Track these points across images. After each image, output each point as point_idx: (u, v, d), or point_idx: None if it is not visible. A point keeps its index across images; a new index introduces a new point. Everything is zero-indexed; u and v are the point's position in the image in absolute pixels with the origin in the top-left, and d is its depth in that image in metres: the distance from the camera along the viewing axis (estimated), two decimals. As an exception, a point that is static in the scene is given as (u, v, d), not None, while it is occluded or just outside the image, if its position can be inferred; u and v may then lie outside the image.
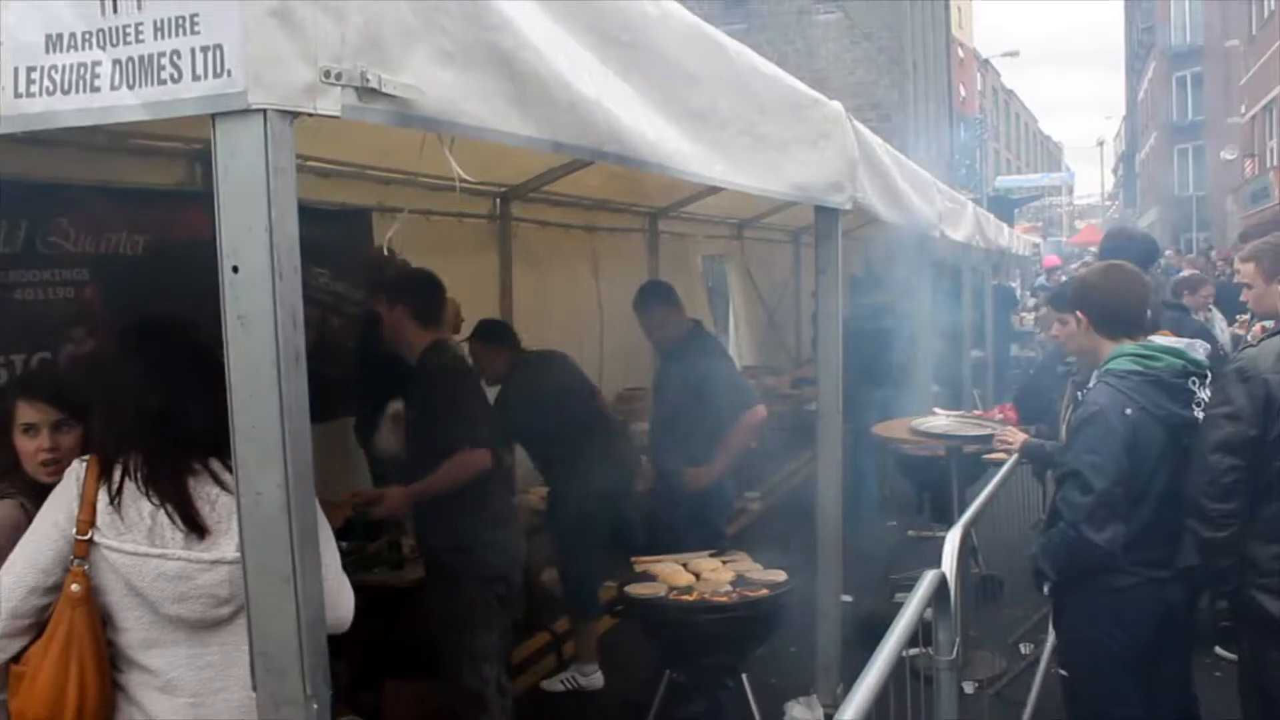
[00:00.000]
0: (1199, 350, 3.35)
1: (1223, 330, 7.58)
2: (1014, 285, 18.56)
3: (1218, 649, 5.21)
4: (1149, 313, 3.84)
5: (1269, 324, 4.21)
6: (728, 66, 2.72)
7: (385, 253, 4.56)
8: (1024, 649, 5.85)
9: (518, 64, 1.82)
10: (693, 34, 2.54)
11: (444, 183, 5.52)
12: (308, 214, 4.82)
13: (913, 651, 2.50)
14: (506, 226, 6.60)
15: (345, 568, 2.44)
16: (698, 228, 9.42)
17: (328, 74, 1.49)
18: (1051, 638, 4.36)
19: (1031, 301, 17.06)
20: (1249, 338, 4.98)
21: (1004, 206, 37.54)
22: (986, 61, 55.57)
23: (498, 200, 6.53)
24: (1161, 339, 3.41)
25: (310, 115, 1.49)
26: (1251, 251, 4.29)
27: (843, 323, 3.96)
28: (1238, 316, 8.28)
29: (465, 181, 1.96)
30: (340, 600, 2.31)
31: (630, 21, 2.24)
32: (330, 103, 1.50)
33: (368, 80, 1.52)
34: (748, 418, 5.13)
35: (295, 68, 1.45)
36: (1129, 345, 3.36)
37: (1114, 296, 3.47)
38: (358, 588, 2.42)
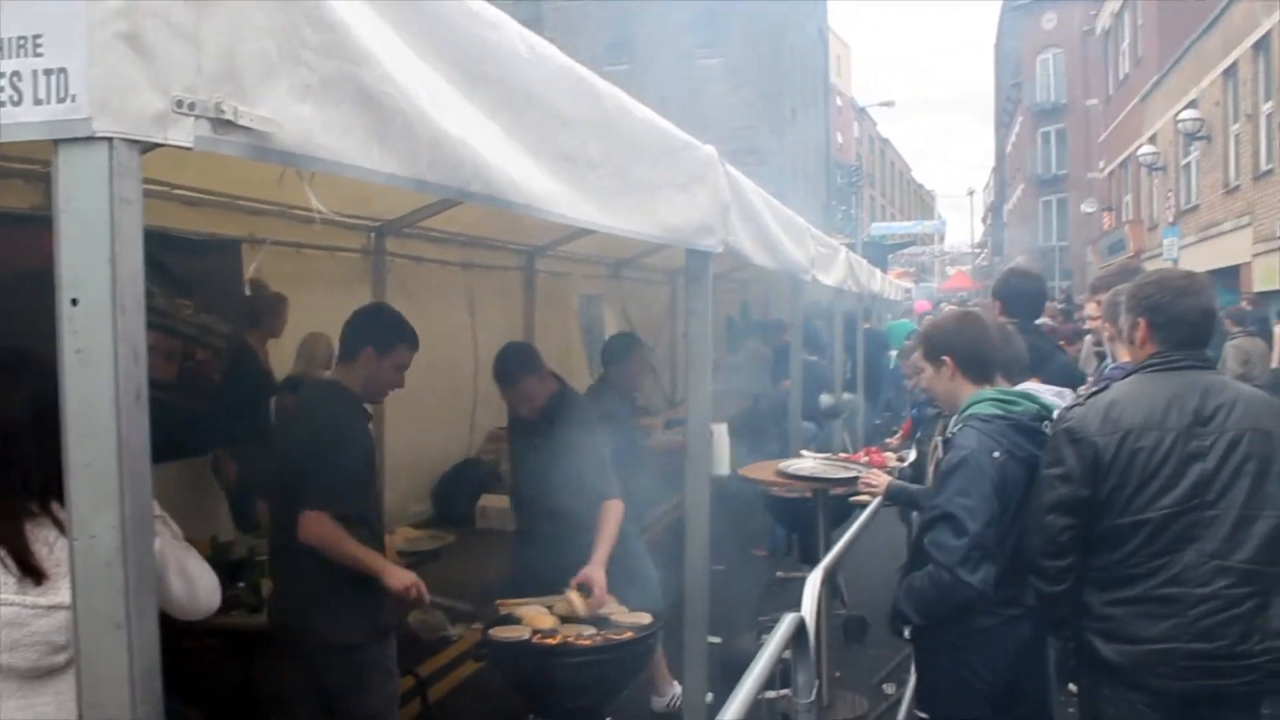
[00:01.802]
0: (1065, 396, 3.48)
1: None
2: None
3: (1070, 685, 5.36)
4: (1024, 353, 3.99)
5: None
6: (600, 109, 2.73)
7: (249, 285, 4.34)
8: (888, 689, 5.94)
9: (380, 99, 1.79)
10: (565, 75, 2.54)
11: (327, 210, 5.43)
12: (173, 244, 4.69)
13: (773, 694, 2.51)
14: (381, 261, 6.50)
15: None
16: (575, 267, 9.43)
17: (180, 104, 1.44)
18: (914, 678, 4.43)
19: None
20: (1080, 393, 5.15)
21: (879, 252, 38.38)
22: (863, 110, 57.01)
23: (372, 235, 6.44)
24: (1031, 385, 3.52)
25: (160, 145, 1.45)
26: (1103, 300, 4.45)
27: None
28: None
29: (325, 216, 1.92)
30: (198, 594, 2.24)
31: (501, 60, 2.23)
32: (182, 133, 1.46)
33: (222, 111, 1.48)
34: (611, 508, 4.59)
35: (145, 96, 1.41)
36: (989, 390, 3.46)
37: (980, 342, 3.58)
38: (213, 632, 2.35)
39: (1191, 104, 22.83)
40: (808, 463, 5.76)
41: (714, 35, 33.02)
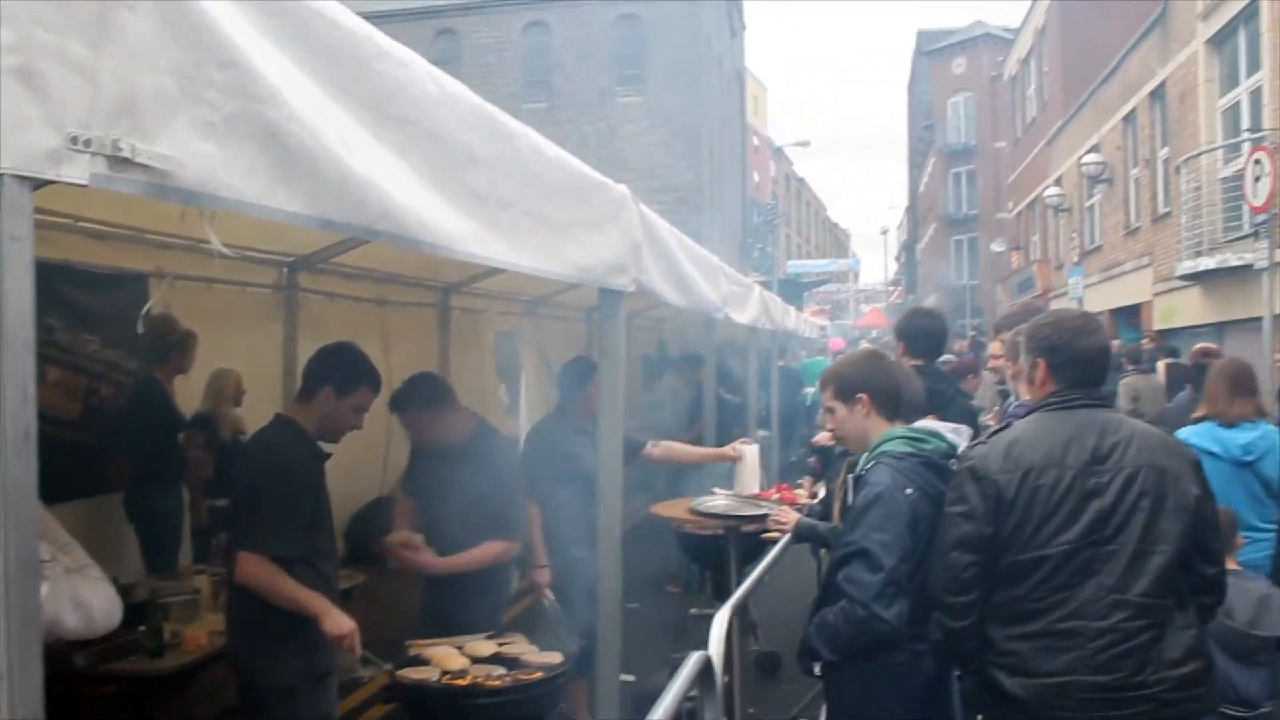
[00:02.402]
0: (962, 435, 3.55)
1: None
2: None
3: (978, 718, 5.42)
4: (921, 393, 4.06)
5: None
6: (511, 148, 2.74)
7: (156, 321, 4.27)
8: (801, 725, 5.96)
9: (286, 138, 1.78)
10: (476, 115, 2.55)
11: (228, 249, 5.36)
12: (78, 278, 4.60)
13: (684, 733, 2.51)
14: (293, 297, 6.42)
15: (95, 657, 2.32)
16: (491, 304, 9.39)
17: (75, 140, 1.42)
18: (824, 714, 4.45)
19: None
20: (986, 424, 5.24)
21: (794, 290, 38.94)
22: (779, 150, 57.83)
23: (285, 270, 6.36)
24: (931, 423, 3.58)
25: (52, 183, 1.42)
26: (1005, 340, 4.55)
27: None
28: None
29: (226, 255, 1.90)
30: (94, 618, 2.21)
31: (410, 99, 2.23)
32: (77, 170, 1.44)
33: (119, 149, 1.46)
34: (490, 547, 4.68)
35: (38, 131, 1.38)
36: (899, 428, 3.52)
37: (892, 379, 3.64)
38: (109, 678, 2.30)
39: (1094, 148, 23.52)
40: (720, 500, 5.79)
41: (632, 74, 33.35)
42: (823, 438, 5.92)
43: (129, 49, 1.49)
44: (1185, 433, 5.24)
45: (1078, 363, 3.21)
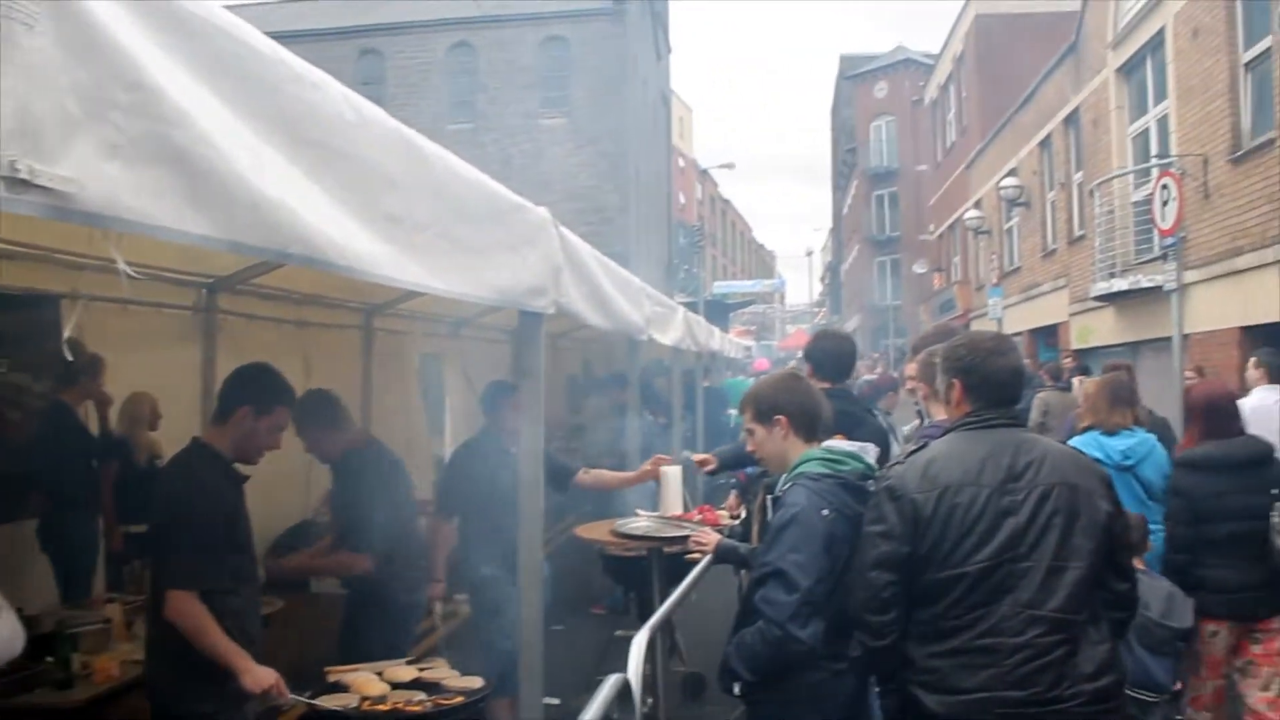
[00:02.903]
0: (870, 454, 3.59)
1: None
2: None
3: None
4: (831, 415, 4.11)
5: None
6: (428, 171, 2.73)
7: (70, 346, 4.19)
8: (725, 745, 5.97)
9: (195, 160, 1.76)
10: (391, 138, 2.55)
11: (145, 271, 5.27)
12: (-14, 299, 4.41)
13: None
14: (212, 319, 6.32)
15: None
16: (415, 325, 9.32)
17: (-31, 161, 1.40)
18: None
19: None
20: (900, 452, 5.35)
21: (720, 311, 39.12)
22: (705, 172, 58.12)
23: (204, 291, 6.26)
24: (839, 443, 3.62)
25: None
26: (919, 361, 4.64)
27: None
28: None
29: (134, 277, 1.87)
30: None
31: (324, 122, 2.22)
32: (-29, 192, 1.41)
33: (17, 170, 1.43)
34: (351, 558, 5.00)
35: (-70, 153, 1.36)
36: (816, 449, 3.55)
37: (810, 401, 3.68)
38: (15, 712, 2.24)
39: (1012, 172, 24.04)
40: (642, 522, 5.79)
41: (557, 96, 33.39)
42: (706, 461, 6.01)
43: (27, 68, 1.46)
44: (1072, 442, 5.35)
45: (991, 383, 3.28)
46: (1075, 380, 12.88)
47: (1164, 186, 12.45)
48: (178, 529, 3.64)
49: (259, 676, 3.57)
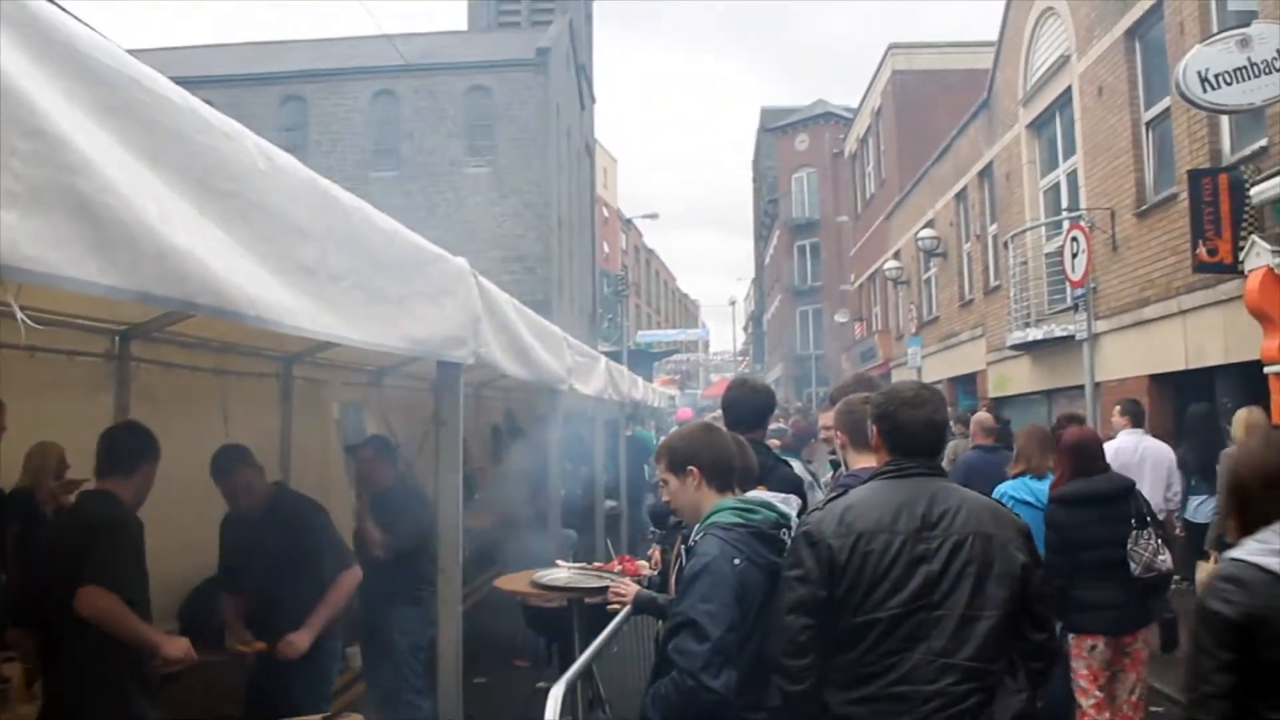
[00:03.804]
0: (792, 505, 3.62)
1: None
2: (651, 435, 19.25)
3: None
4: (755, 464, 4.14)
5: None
6: (343, 221, 2.72)
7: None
8: (648, 797, 5.90)
9: (99, 210, 1.73)
10: (306, 187, 2.53)
11: (54, 317, 5.15)
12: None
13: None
14: (125, 367, 6.20)
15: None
16: (334, 374, 9.23)
17: None
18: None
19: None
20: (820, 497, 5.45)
21: (645, 360, 39.28)
22: (629, 221, 58.51)
23: (116, 339, 6.14)
24: (761, 494, 3.64)
25: None
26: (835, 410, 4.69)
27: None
28: None
29: (32, 326, 1.83)
30: None
31: (236, 173, 2.20)
32: None
33: (-91, 218, 1.41)
34: (345, 579, 5.15)
35: None
36: (729, 499, 3.57)
37: (723, 452, 3.69)
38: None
39: (929, 223, 24.52)
40: (562, 573, 5.76)
41: (482, 145, 33.46)
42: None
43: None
44: (1004, 486, 6.45)
45: (904, 433, 3.33)
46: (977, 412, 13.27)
47: (1074, 239, 12.78)
48: (97, 539, 3.86)
49: (177, 644, 3.94)
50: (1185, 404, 11.24)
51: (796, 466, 5.70)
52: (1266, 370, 9.27)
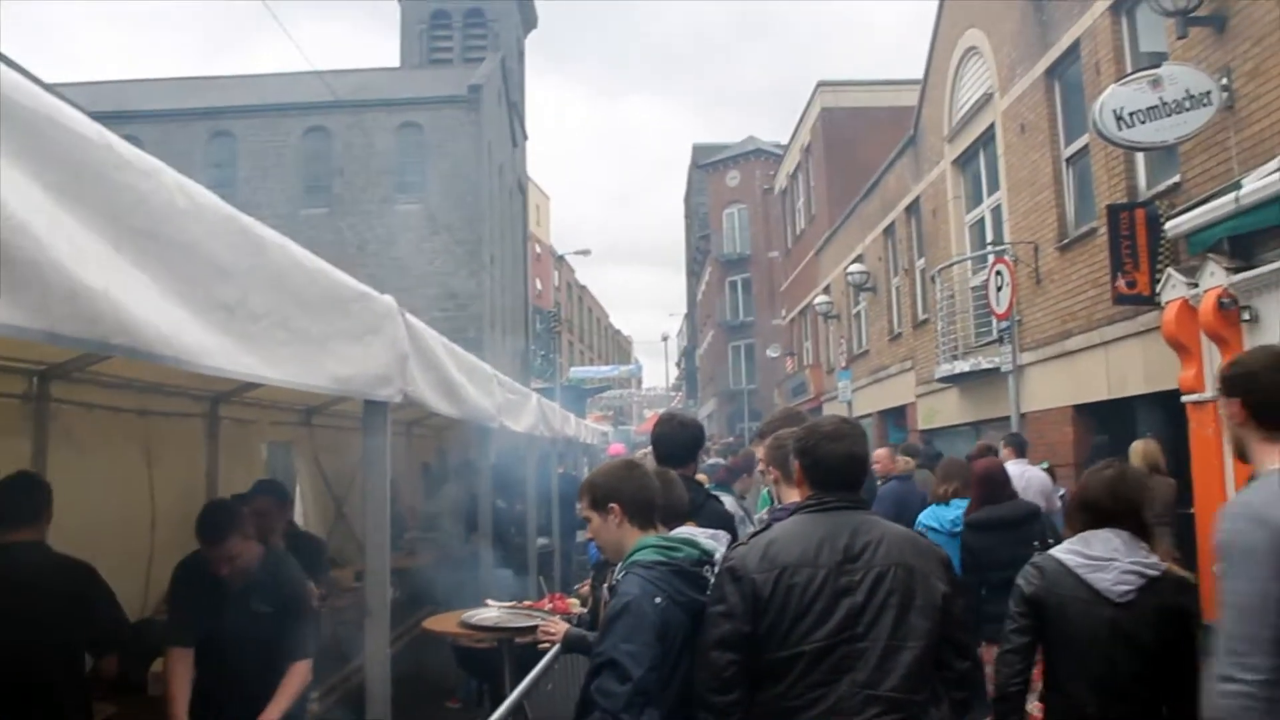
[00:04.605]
0: (720, 538, 3.62)
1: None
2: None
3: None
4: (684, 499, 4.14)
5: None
6: (265, 260, 2.69)
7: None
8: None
9: (6, 248, 1.70)
10: (226, 226, 2.50)
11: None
12: None
13: None
14: (44, 408, 6.06)
15: None
16: (263, 414, 9.09)
17: None
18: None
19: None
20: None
21: (578, 396, 39.19)
22: (562, 258, 58.54)
23: (35, 379, 6.01)
24: (688, 530, 3.64)
25: None
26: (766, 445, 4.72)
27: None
28: None
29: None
30: None
31: (153, 211, 2.17)
32: None
33: None
34: (300, 670, 4.75)
35: None
36: (651, 537, 3.56)
37: (644, 489, 3.69)
38: None
39: (858, 258, 24.82)
40: (492, 612, 5.72)
41: (413, 181, 33.36)
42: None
43: None
44: (922, 515, 7.21)
45: (824, 467, 3.36)
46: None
47: (998, 272, 13.02)
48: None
49: None
50: (1107, 433, 11.47)
51: (729, 501, 5.71)
52: (1184, 399, 9.49)
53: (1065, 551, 3.79)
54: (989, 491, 6.73)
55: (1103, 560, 3.68)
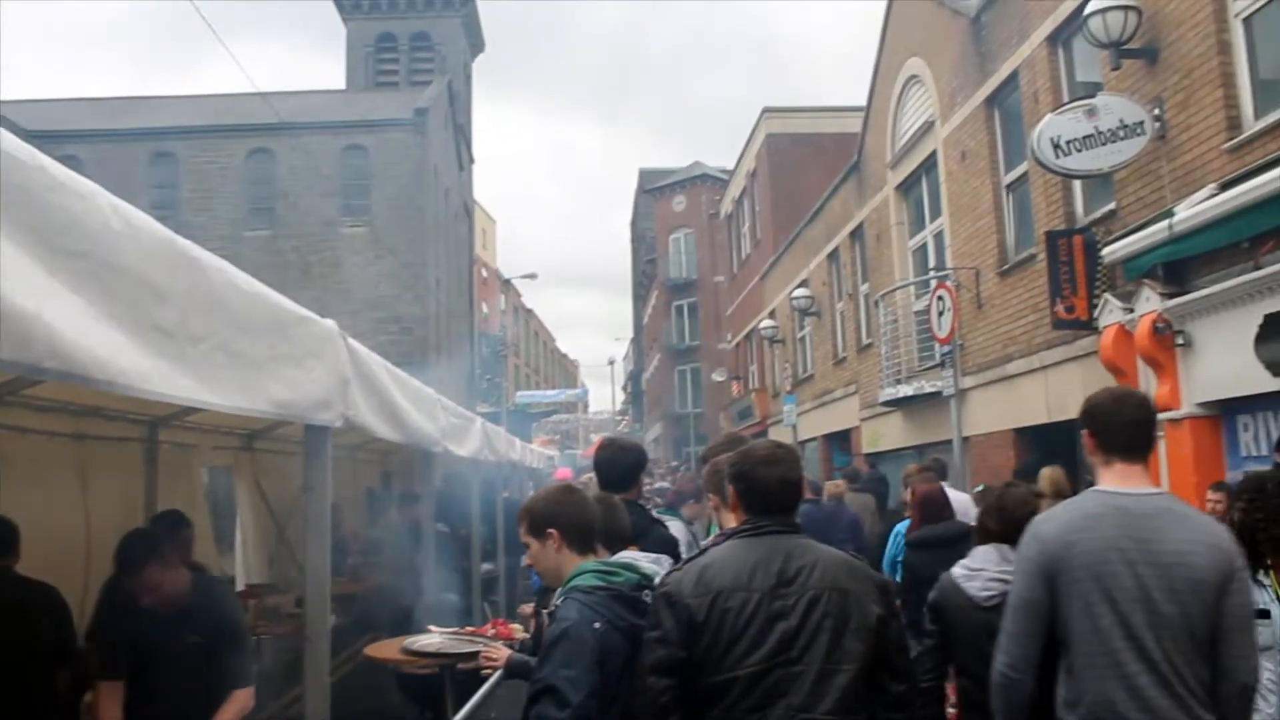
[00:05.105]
0: (663, 563, 3.62)
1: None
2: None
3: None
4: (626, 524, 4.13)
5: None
6: (204, 282, 2.66)
7: None
8: None
9: (-62, 273, 1.68)
10: (163, 248, 2.47)
11: None
12: None
13: None
14: (-26, 434, 5.95)
15: None
16: (203, 438, 8.96)
17: None
18: None
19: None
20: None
21: (524, 420, 39.13)
22: (508, 282, 58.48)
23: (-36, 405, 5.89)
24: (630, 555, 3.64)
25: None
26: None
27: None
28: None
29: None
30: None
31: (88, 233, 2.14)
32: None
33: None
34: (239, 699, 4.59)
35: None
36: (590, 562, 3.56)
37: (582, 514, 3.68)
38: None
39: (803, 283, 25.00)
40: (434, 638, 5.66)
41: (358, 204, 33.19)
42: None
43: None
44: (899, 526, 8.11)
45: (758, 491, 3.37)
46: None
47: (939, 298, 13.18)
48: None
49: None
50: (1047, 456, 11.61)
51: (678, 525, 5.71)
52: (1122, 423, 9.63)
53: (958, 565, 4.48)
54: (929, 513, 7.23)
55: (975, 571, 4.36)
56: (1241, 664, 3.15)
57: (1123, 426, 3.41)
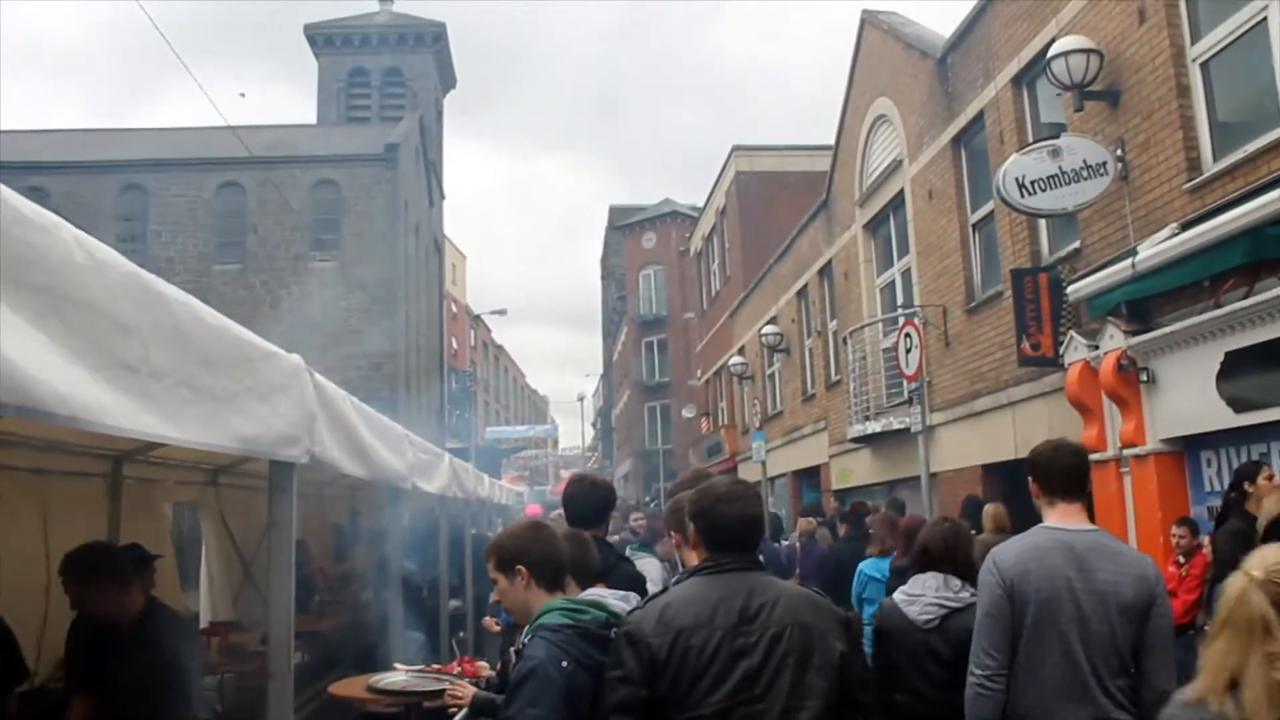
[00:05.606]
0: (631, 600, 3.60)
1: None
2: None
3: None
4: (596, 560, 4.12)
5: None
6: (169, 317, 2.65)
7: None
8: None
9: (-104, 307, 1.67)
10: (128, 283, 2.46)
11: None
12: None
13: None
14: (-68, 469, 5.88)
15: None
16: (168, 473, 8.88)
17: None
18: None
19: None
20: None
21: (493, 456, 38.96)
22: (478, 317, 58.34)
23: (-79, 439, 5.82)
24: (599, 592, 3.62)
25: None
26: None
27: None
28: None
29: None
30: None
31: (51, 267, 2.13)
32: None
33: None
34: None
35: None
36: (558, 599, 3.54)
37: (550, 550, 3.67)
38: None
39: (772, 320, 25.12)
40: (399, 676, 5.62)
41: (328, 239, 33.10)
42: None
43: None
44: (863, 565, 8.23)
45: (718, 529, 3.35)
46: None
47: (907, 335, 13.26)
48: None
49: None
50: (1016, 491, 11.65)
51: (653, 561, 5.69)
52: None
53: (898, 591, 4.94)
54: (911, 542, 7.25)
55: (915, 596, 4.83)
56: (1161, 674, 3.68)
57: (1061, 472, 4.02)
